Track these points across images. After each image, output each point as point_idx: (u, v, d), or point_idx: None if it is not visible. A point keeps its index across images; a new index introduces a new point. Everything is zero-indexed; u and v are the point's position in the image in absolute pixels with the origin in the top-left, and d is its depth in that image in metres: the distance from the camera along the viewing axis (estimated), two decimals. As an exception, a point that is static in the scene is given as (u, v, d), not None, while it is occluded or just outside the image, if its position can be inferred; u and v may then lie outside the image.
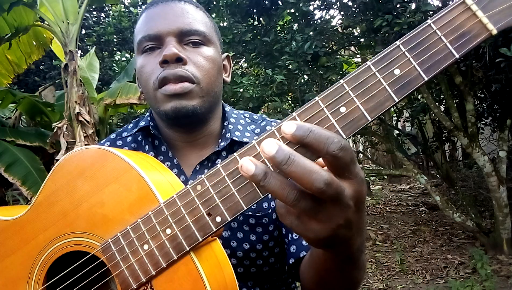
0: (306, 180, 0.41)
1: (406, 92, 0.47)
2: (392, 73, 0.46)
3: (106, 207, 0.53)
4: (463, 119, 3.94)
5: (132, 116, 7.62)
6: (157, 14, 0.80)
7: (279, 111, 4.31)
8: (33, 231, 0.56)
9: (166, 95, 0.76)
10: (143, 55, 0.81)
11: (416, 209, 6.37)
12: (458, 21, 0.46)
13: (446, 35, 0.46)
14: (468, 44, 0.46)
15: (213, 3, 4.34)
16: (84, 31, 8.71)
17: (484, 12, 0.46)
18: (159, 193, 0.51)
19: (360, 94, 0.46)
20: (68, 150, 4.31)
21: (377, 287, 3.52)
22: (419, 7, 3.07)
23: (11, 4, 4.15)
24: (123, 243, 0.51)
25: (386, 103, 0.47)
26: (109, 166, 0.53)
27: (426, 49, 0.46)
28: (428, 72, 0.46)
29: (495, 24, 0.46)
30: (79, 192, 0.54)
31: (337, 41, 4.32)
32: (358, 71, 0.47)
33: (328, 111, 0.46)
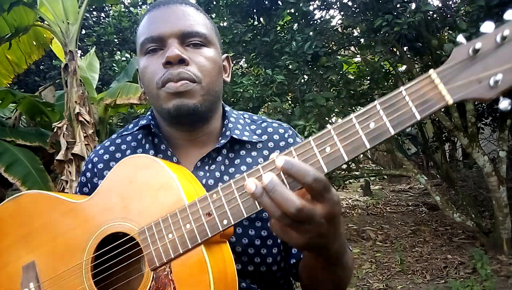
0: (283, 206, 0.56)
1: (377, 142, 0.58)
2: (368, 126, 0.58)
3: (147, 202, 0.68)
4: (463, 119, 3.94)
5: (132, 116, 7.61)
6: (160, 17, 0.82)
7: (279, 111, 4.32)
8: (92, 215, 0.73)
9: (169, 93, 0.79)
10: (146, 56, 0.83)
11: (416, 209, 6.37)
12: (423, 90, 0.57)
13: (413, 100, 0.57)
14: (429, 109, 0.56)
15: (213, 3, 4.35)
16: (84, 31, 8.70)
17: (446, 84, 0.56)
18: (186, 196, 0.66)
19: (342, 139, 0.59)
20: (68, 150, 4.31)
21: (377, 287, 3.52)
22: (419, 7, 3.07)
23: (11, 4, 4.15)
24: (154, 231, 0.67)
25: (360, 148, 0.58)
26: (154, 172, 0.69)
27: (396, 109, 0.57)
28: (395, 128, 0.57)
29: (453, 96, 0.56)
30: (129, 188, 0.70)
31: (337, 41, 4.32)
32: (344, 121, 0.59)
33: (317, 149, 0.59)
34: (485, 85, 0.55)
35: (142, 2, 9.71)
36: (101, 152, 0.94)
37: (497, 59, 0.55)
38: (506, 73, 0.54)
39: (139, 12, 9.41)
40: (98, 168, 0.92)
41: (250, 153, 0.89)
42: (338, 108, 4.26)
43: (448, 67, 0.57)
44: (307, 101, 3.62)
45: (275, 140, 0.91)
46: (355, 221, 5.96)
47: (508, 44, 0.54)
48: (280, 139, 0.91)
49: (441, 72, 0.57)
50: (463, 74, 0.56)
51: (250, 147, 0.89)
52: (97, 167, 0.92)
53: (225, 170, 0.86)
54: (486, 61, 0.55)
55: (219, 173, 0.86)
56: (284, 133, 0.92)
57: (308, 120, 3.47)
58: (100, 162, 0.92)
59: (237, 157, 0.88)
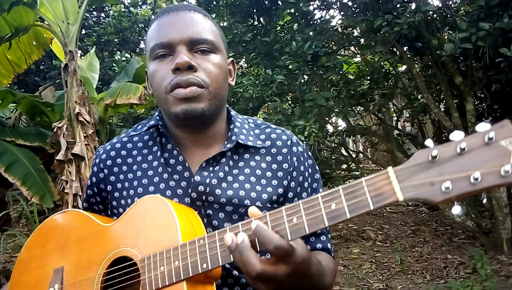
0: (247, 267, 0.66)
1: (334, 221, 0.66)
2: (330, 206, 0.66)
3: (152, 236, 0.82)
4: (463, 119, 3.94)
5: (132, 116, 7.61)
6: (169, 23, 0.86)
7: (279, 111, 4.31)
8: (111, 238, 0.88)
9: (177, 98, 0.84)
10: (155, 61, 0.87)
11: (416, 209, 6.37)
12: (380, 184, 0.63)
13: (370, 191, 0.63)
14: (381, 201, 0.62)
15: (213, 3, 4.34)
16: (84, 31, 8.70)
17: (400, 182, 0.62)
18: (182, 237, 0.77)
19: (308, 213, 0.67)
20: (68, 150, 4.31)
21: (377, 287, 3.52)
22: (419, 7, 3.07)
23: (11, 4, 4.15)
24: (151, 261, 0.79)
25: (320, 224, 0.66)
26: (162, 212, 0.81)
27: (355, 197, 0.64)
28: (351, 213, 0.64)
29: (404, 193, 0.61)
30: (140, 222, 0.84)
31: (337, 41, 4.32)
32: (312, 198, 0.67)
33: (286, 219, 0.68)
34: (436, 189, 0.59)
35: (142, 2, 9.72)
36: (104, 156, 0.99)
37: (453, 167, 0.59)
38: (457, 182, 0.58)
39: (139, 12, 9.41)
40: (107, 164, 0.98)
41: (254, 157, 0.94)
42: (338, 108, 4.26)
43: (406, 167, 0.62)
44: (307, 101, 3.62)
45: (278, 146, 0.96)
46: (355, 221, 5.96)
47: (465, 155, 0.59)
48: (282, 145, 0.96)
49: (398, 171, 0.63)
50: (419, 176, 0.61)
51: (254, 151, 0.94)
52: (104, 163, 0.98)
53: (229, 171, 0.91)
54: (442, 167, 0.60)
55: (222, 173, 0.90)
56: (287, 140, 0.97)
57: (308, 120, 3.47)
58: (108, 159, 0.99)
59: (241, 160, 0.93)
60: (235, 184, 0.90)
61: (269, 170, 0.93)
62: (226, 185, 0.90)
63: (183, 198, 0.89)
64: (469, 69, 3.69)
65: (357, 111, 5.58)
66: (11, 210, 5.62)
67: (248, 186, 0.91)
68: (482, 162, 0.58)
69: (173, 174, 0.91)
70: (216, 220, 0.89)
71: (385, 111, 5.84)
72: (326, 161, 4.90)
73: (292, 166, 0.95)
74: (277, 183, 0.93)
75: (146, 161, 0.95)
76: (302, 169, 0.97)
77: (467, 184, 0.58)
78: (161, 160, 0.93)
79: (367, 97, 4.62)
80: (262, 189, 0.91)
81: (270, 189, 0.92)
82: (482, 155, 0.58)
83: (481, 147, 0.59)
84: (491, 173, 0.57)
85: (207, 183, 0.88)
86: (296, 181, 0.95)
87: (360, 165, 5.26)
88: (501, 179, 0.56)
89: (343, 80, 4.31)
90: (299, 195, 0.96)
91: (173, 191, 0.90)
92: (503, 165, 0.56)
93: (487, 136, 0.58)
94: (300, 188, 0.96)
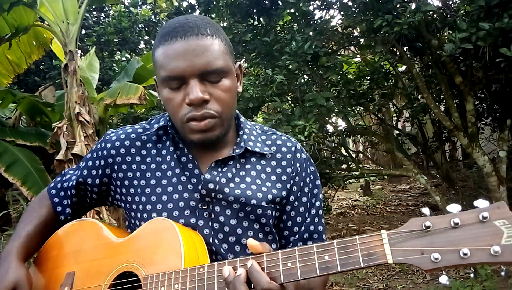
0: None
1: (326, 272, 0.69)
2: (323, 257, 0.70)
3: (158, 256, 0.87)
4: (463, 119, 3.94)
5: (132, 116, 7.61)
6: (178, 53, 0.86)
7: (279, 111, 4.32)
8: (121, 252, 0.93)
9: (193, 128, 0.88)
10: (166, 89, 0.90)
11: (416, 209, 6.37)
12: (372, 245, 0.66)
13: (362, 250, 0.67)
14: (371, 261, 0.66)
15: (213, 3, 4.35)
16: (84, 31, 8.70)
17: (391, 246, 0.65)
18: (184, 262, 0.82)
19: (302, 261, 0.71)
20: (68, 150, 4.31)
21: (377, 287, 3.52)
22: (419, 7, 3.07)
23: (11, 4, 4.15)
24: (153, 280, 0.84)
25: (311, 273, 0.70)
26: (170, 236, 0.87)
27: (347, 252, 0.68)
28: (343, 267, 0.68)
29: (394, 257, 0.64)
30: (150, 242, 0.89)
31: (337, 41, 4.31)
32: (307, 247, 0.72)
33: (281, 262, 0.73)
34: (426, 258, 0.62)
35: (142, 2, 9.72)
36: (117, 143, 1.01)
37: (444, 240, 0.62)
38: (447, 254, 0.61)
39: (139, 12, 9.41)
40: (120, 152, 1.00)
41: (260, 161, 0.99)
42: (338, 108, 4.26)
43: (399, 232, 0.65)
44: (307, 101, 3.62)
45: (283, 152, 1.01)
46: (355, 221, 5.96)
47: (458, 229, 0.62)
48: (287, 152, 1.02)
49: (391, 235, 0.66)
50: (410, 243, 0.64)
51: (260, 156, 1.00)
52: (117, 150, 1.00)
53: (236, 172, 0.96)
54: (434, 237, 0.63)
55: (231, 174, 0.95)
56: (291, 147, 1.03)
57: (308, 120, 3.47)
58: (122, 147, 1.00)
59: (248, 163, 0.99)
60: (242, 184, 0.95)
61: (274, 174, 0.99)
62: (233, 185, 0.95)
63: (192, 193, 0.94)
64: (469, 69, 3.69)
65: (357, 111, 5.58)
66: (11, 210, 5.62)
67: (254, 187, 0.96)
68: (473, 239, 0.60)
69: (184, 170, 0.96)
70: (222, 216, 0.94)
71: (385, 111, 5.85)
72: (326, 161, 4.89)
73: (295, 171, 1.00)
74: (281, 186, 0.98)
75: (160, 155, 0.99)
76: (304, 175, 1.02)
77: (456, 257, 0.61)
78: (174, 155, 0.97)
79: (367, 97, 4.62)
80: (267, 190, 0.96)
81: (275, 191, 0.97)
82: (474, 232, 0.61)
83: (474, 224, 0.62)
84: (481, 251, 0.59)
85: (217, 181, 0.93)
86: (297, 185, 1.01)
87: (360, 165, 5.26)
88: (490, 257, 0.58)
89: (343, 80, 4.31)
90: (299, 199, 1.01)
91: (184, 186, 0.95)
92: (493, 245, 0.58)
93: (482, 215, 0.61)
94: (300, 193, 1.01)
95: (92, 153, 1.04)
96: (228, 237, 0.94)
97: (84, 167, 1.04)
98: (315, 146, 4.12)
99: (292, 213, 1.01)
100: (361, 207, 7.01)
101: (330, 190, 5.40)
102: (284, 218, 1.01)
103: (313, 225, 1.02)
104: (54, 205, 1.06)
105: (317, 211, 1.03)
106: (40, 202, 1.07)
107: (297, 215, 1.01)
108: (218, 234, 0.94)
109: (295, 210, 1.01)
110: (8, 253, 0.95)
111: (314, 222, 1.02)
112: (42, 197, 1.09)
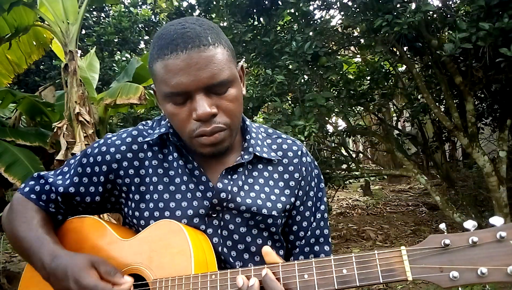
0: None
1: (343, 286, 0.69)
2: (341, 270, 0.69)
3: (166, 260, 0.84)
4: (463, 119, 3.93)
5: (132, 116, 7.61)
6: (181, 69, 0.80)
7: (279, 111, 4.31)
8: (126, 253, 0.90)
9: (203, 143, 0.85)
10: (170, 104, 0.85)
11: (416, 209, 6.38)
12: (391, 261, 0.66)
13: (381, 265, 0.67)
14: (390, 277, 0.66)
15: (213, 3, 4.34)
16: (84, 31, 8.70)
17: (411, 263, 0.65)
18: (194, 267, 0.81)
19: (319, 273, 0.71)
20: (68, 150, 4.31)
21: (377, 287, 3.52)
22: (419, 7, 3.07)
23: (11, 4, 4.15)
24: (163, 285, 0.82)
25: (329, 286, 0.69)
26: (178, 239, 0.84)
27: (366, 267, 0.68)
28: (361, 281, 0.67)
29: (413, 274, 0.65)
30: (157, 244, 0.87)
31: (337, 41, 4.31)
32: (325, 259, 0.71)
33: (298, 273, 0.72)
34: (445, 276, 0.63)
35: (142, 2, 9.72)
36: (123, 148, 0.96)
37: (463, 258, 0.63)
38: (465, 272, 0.62)
39: (139, 12, 9.41)
40: (127, 157, 0.95)
41: (267, 167, 0.98)
42: (338, 108, 4.26)
43: (419, 249, 0.66)
44: (307, 101, 3.62)
45: (289, 157, 1.00)
46: (355, 221, 5.97)
47: (476, 248, 0.63)
48: (293, 156, 1.00)
49: (411, 251, 0.66)
50: (429, 260, 0.65)
51: (267, 162, 0.99)
52: (124, 154, 0.95)
53: (245, 180, 0.95)
54: (452, 255, 0.64)
55: (241, 182, 0.94)
56: (297, 151, 1.01)
57: (308, 120, 3.47)
58: (129, 151, 0.95)
59: (255, 170, 0.97)
60: (252, 193, 0.94)
61: (281, 180, 0.98)
62: (244, 193, 0.94)
63: (202, 200, 0.92)
64: (469, 69, 3.68)
65: (357, 111, 5.58)
66: (11, 210, 5.61)
67: (263, 195, 0.95)
68: (491, 258, 0.62)
69: (192, 177, 0.93)
70: (232, 224, 0.93)
71: (385, 111, 5.85)
72: (326, 161, 4.89)
73: (301, 176, 1.00)
74: (289, 192, 0.98)
75: (166, 160, 0.95)
76: (309, 179, 1.02)
77: (474, 276, 0.61)
78: (180, 162, 0.94)
79: (367, 97, 4.62)
80: (276, 199, 0.96)
81: (284, 198, 0.97)
82: (491, 251, 0.62)
83: (492, 243, 0.62)
84: (498, 270, 0.60)
85: (229, 190, 0.92)
86: (303, 190, 1.00)
87: (360, 165, 5.26)
88: (506, 277, 0.60)
89: (343, 80, 4.31)
90: (305, 203, 1.00)
91: (193, 193, 0.92)
92: (510, 265, 0.60)
93: (500, 234, 0.62)
94: (306, 197, 1.01)
95: (88, 158, 0.96)
96: (237, 245, 0.93)
97: (75, 174, 0.96)
98: (315, 146, 4.12)
99: (298, 217, 1.00)
100: (361, 207, 7.01)
101: (330, 190, 5.40)
102: (290, 222, 1.00)
103: (319, 229, 1.01)
104: (44, 207, 0.97)
105: (322, 215, 1.03)
106: (25, 208, 0.96)
107: (303, 219, 1.00)
108: (227, 242, 0.93)
109: (301, 215, 1.00)
110: (53, 254, 0.86)
111: (320, 226, 1.02)
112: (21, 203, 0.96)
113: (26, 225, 0.93)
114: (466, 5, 3.66)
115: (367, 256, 0.68)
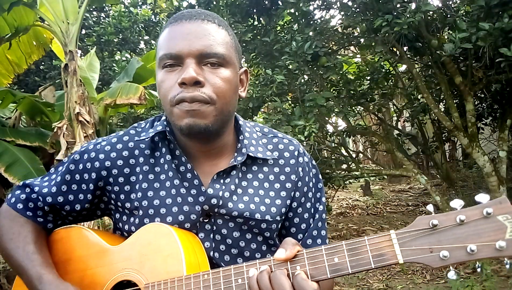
0: None
1: (335, 275, 0.69)
2: (332, 259, 0.69)
3: (157, 264, 0.83)
4: (463, 119, 3.94)
5: (132, 116, 7.61)
6: (180, 33, 0.83)
7: (279, 111, 4.31)
8: (116, 259, 0.88)
9: (182, 111, 0.82)
10: (163, 70, 0.85)
11: (416, 209, 6.37)
12: (381, 245, 0.67)
13: (372, 251, 0.67)
14: (382, 262, 0.66)
15: (213, 3, 4.35)
16: (84, 31, 8.70)
17: (401, 246, 0.66)
18: (186, 268, 0.79)
19: (310, 263, 0.71)
20: (68, 150, 4.31)
21: (377, 287, 3.52)
22: (419, 7, 3.07)
23: (11, 4, 4.15)
24: (155, 289, 0.81)
25: (322, 276, 0.70)
26: (168, 241, 0.83)
27: (357, 253, 0.68)
28: (353, 268, 0.68)
29: (404, 257, 0.65)
30: (147, 248, 0.85)
31: (337, 41, 4.31)
32: (315, 249, 0.71)
33: (290, 265, 0.72)
34: (435, 256, 0.64)
35: (142, 2, 9.71)
36: (113, 155, 0.93)
37: (452, 237, 0.63)
38: (455, 251, 0.63)
39: (139, 12, 9.41)
40: (117, 164, 0.92)
41: (262, 168, 0.94)
42: (338, 108, 4.26)
43: (407, 231, 0.67)
44: (307, 101, 3.62)
45: (286, 157, 0.96)
46: (355, 221, 5.97)
47: (464, 226, 0.63)
48: (290, 157, 0.97)
49: (400, 234, 0.67)
50: (419, 241, 0.65)
51: (262, 163, 0.95)
52: (113, 161, 0.92)
53: (238, 183, 0.92)
54: (442, 235, 0.64)
55: (234, 186, 0.91)
56: (294, 151, 0.98)
57: (308, 120, 3.47)
58: (119, 159, 0.93)
59: (249, 172, 0.93)
60: (245, 197, 0.91)
61: (277, 181, 0.94)
62: (236, 198, 0.90)
63: (193, 206, 0.89)
64: (469, 69, 3.69)
65: (357, 111, 5.58)
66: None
67: (257, 199, 0.91)
68: (479, 235, 0.62)
69: (183, 181, 0.91)
70: (225, 229, 0.91)
71: (385, 111, 5.85)
72: (326, 161, 4.89)
73: (298, 176, 0.96)
74: (285, 194, 0.94)
75: (158, 164, 0.92)
76: (307, 179, 0.98)
77: (464, 254, 0.62)
78: (172, 165, 0.91)
79: (367, 97, 4.62)
80: (271, 202, 0.92)
81: (279, 201, 0.93)
82: (479, 228, 0.63)
83: (479, 220, 0.63)
84: (487, 246, 0.61)
85: (220, 196, 0.89)
86: (301, 191, 0.96)
87: (360, 165, 5.26)
88: (496, 252, 0.60)
89: (343, 80, 4.31)
90: (303, 205, 0.97)
91: (184, 198, 0.90)
92: (498, 240, 0.60)
93: (486, 211, 0.62)
94: (304, 198, 0.97)
95: (77, 165, 0.93)
96: (231, 249, 0.91)
97: (63, 182, 0.94)
98: (315, 146, 4.12)
99: (296, 219, 0.97)
100: (361, 207, 7.01)
101: (330, 190, 5.39)
102: (287, 224, 0.97)
103: (316, 230, 0.98)
104: (32, 217, 0.94)
105: (320, 216, 1.00)
106: (12, 221, 0.93)
107: (301, 221, 0.97)
108: (220, 246, 0.90)
109: (299, 217, 0.97)
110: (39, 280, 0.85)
111: (318, 227, 0.99)
112: (8, 217, 0.94)
113: (13, 243, 0.91)
114: (466, 5, 3.66)
115: (357, 243, 0.68)
